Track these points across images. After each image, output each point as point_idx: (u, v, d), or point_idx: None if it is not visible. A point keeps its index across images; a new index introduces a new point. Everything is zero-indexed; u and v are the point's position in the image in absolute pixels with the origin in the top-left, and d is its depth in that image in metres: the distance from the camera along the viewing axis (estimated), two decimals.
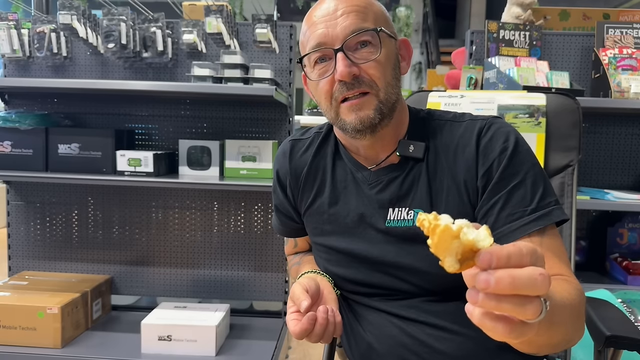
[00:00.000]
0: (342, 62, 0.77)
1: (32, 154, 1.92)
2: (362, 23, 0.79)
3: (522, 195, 0.77)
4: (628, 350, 0.90)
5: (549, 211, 0.77)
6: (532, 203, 0.77)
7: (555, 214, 0.77)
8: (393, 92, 0.81)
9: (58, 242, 2.17)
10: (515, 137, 0.82)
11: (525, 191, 0.78)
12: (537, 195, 0.77)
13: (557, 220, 0.77)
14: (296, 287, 0.81)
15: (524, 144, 0.82)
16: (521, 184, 0.78)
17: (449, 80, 2.25)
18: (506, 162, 0.79)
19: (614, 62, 1.89)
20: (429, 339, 0.81)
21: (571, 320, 0.63)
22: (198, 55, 2.05)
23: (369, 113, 0.79)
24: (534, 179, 0.79)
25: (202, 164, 1.96)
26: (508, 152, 0.80)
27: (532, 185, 0.78)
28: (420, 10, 9.00)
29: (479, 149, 0.82)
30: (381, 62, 0.79)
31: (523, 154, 0.80)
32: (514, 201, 0.77)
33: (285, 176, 0.96)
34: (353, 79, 0.78)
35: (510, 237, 0.76)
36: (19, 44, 2.01)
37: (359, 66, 0.78)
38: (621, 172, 2.09)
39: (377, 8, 0.83)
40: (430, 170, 0.84)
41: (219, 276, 2.16)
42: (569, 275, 0.74)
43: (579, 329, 0.67)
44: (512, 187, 0.78)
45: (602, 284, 1.83)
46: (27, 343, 1.77)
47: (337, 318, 0.80)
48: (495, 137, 0.81)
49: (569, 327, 0.63)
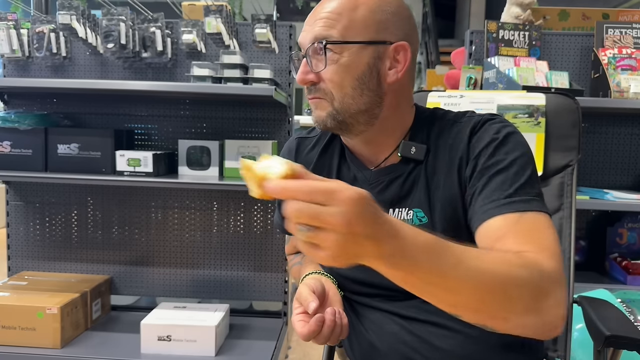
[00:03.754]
0: (301, 67, 0.81)
1: (32, 154, 1.92)
2: (327, 31, 0.78)
3: (502, 181, 0.75)
4: (627, 350, 0.91)
5: (528, 200, 0.74)
6: (511, 189, 0.74)
7: (534, 204, 0.74)
8: (353, 102, 0.80)
9: (57, 242, 2.17)
10: (508, 130, 0.80)
11: (507, 177, 0.76)
12: (517, 183, 0.75)
13: (534, 210, 0.73)
14: (303, 288, 0.81)
15: (516, 135, 0.80)
16: (503, 171, 0.76)
17: (449, 80, 2.25)
18: (492, 151, 0.78)
19: (613, 62, 1.89)
20: (429, 337, 0.81)
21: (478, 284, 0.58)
22: (197, 55, 2.05)
23: (322, 114, 0.82)
24: (518, 169, 0.76)
25: (201, 164, 1.96)
26: (496, 142, 0.79)
27: (515, 173, 0.76)
28: (419, 10, 9.00)
29: (470, 141, 0.81)
30: (337, 73, 0.79)
31: (512, 144, 0.79)
32: (493, 186, 0.76)
33: None
34: (311, 85, 0.81)
35: (482, 219, 0.74)
36: (18, 44, 2.01)
37: (318, 74, 0.80)
38: (621, 172, 2.09)
39: (360, 14, 0.79)
40: (429, 171, 0.84)
41: (219, 276, 2.16)
42: (537, 253, 0.67)
43: (504, 301, 0.60)
44: (494, 172, 0.76)
45: (601, 284, 1.83)
46: (26, 343, 1.77)
47: (344, 320, 0.80)
48: (486, 130, 0.81)
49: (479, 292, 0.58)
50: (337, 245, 0.49)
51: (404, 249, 0.54)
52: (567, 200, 1.12)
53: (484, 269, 0.59)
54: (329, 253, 0.50)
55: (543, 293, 0.62)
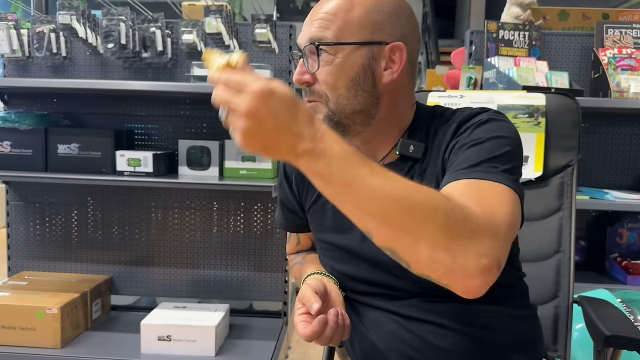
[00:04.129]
0: (297, 68, 0.82)
1: (32, 154, 1.92)
2: (322, 32, 0.79)
3: (472, 153, 0.74)
4: (627, 350, 0.91)
5: (490, 171, 0.70)
6: (476, 160, 0.72)
7: (497, 177, 0.69)
8: (347, 102, 0.80)
9: (57, 242, 2.17)
10: (495, 116, 0.79)
11: (477, 151, 0.74)
12: (486, 157, 0.72)
13: (494, 181, 0.69)
14: (306, 288, 0.81)
15: (503, 123, 0.79)
16: (477, 145, 0.75)
17: (449, 80, 2.25)
18: (473, 129, 0.78)
19: (613, 62, 1.89)
20: (429, 336, 0.81)
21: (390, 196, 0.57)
22: (197, 55, 2.05)
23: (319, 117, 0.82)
24: (493, 145, 0.74)
25: (201, 164, 1.96)
26: (478, 122, 0.78)
27: (487, 148, 0.73)
28: (419, 10, 9.00)
29: (457, 131, 0.81)
30: (332, 75, 0.79)
31: (494, 125, 0.77)
32: (463, 157, 0.74)
33: (291, 171, 0.98)
34: (307, 87, 0.82)
35: (443, 185, 0.72)
36: (18, 44, 2.01)
37: (313, 75, 0.81)
38: (621, 172, 2.09)
39: (355, 14, 0.79)
40: (424, 168, 0.84)
41: (219, 276, 2.16)
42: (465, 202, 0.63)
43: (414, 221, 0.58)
44: (469, 146, 0.75)
45: (601, 284, 1.83)
46: (26, 343, 1.77)
47: (347, 321, 0.80)
48: (472, 117, 0.81)
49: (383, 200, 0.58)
50: (244, 131, 0.56)
51: (319, 151, 0.56)
52: (567, 200, 1.12)
53: (400, 185, 0.59)
54: (239, 137, 0.57)
55: (459, 234, 0.59)
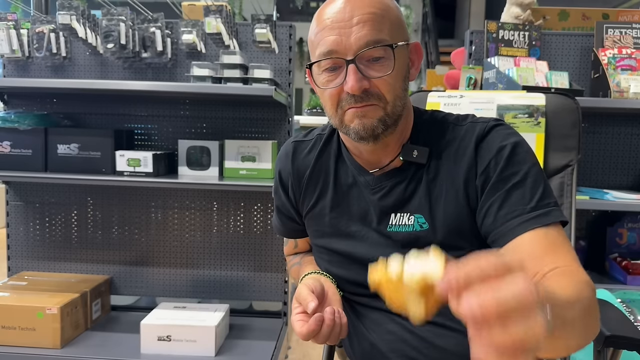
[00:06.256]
0: (353, 75, 0.75)
1: (32, 154, 1.92)
2: (378, 34, 0.75)
3: (521, 194, 0.77)
4: (627, 350, 0.91)
5: (549, 211, 0.75)
6: (532, 202, 0.76)
7: (555, 214, 0.76)
8: (400, 104, 0.80)
9: (57, 242, 2.17)
10: (515, 138, 0.81)
11: (525, 190, 0.77)
12: (536, 195, 0.76)
13: (557, 221, 0.75)
14: (302, 288, 0.81)
15: (523, 145, 0.81)
16: (520, 184, 0.77)
17: (449, 80, 2.25)
18: (505, 162, 0.79)
19: (613, 62, 1.89)
20: (429, 335, 0.82)
21: (583, 315, 0.61)
22: (197, 56, 2.05)
23: (373, 122, 0.78)
24: (534, 180, 0.78)
25: (201, 164, 1.96)
26: (507, 152, 0.79)
27: (531, 185, 0.77)
28: (419, 10, 9.00)
29: (477, 150, 0.81)
30: (392, 77, 0.77)
31: (522, 155, 0.80)
32: (513, 200, 0.76)
33: (287, 177, 0.96)
34: (362, 92, 0.76)
35: (508, 236, 0.75)
36: (18, 44, 2.01)
37: (369, 80, 0.76)
38: (620, 172, 2.09)
39: (394, 14, 0.79)
40: (431, 175, 0.83)
41: (219, 276, 2.16)
42: (574, 267, 0.71)
43: (593, 323, 0.64)
44: (511, 186, 0.77)
45: (601, 284, 1.83)
46: (26, 343, 1.77)
47: (343, 319, 0.80)
48: (493, 138, 0.81)
49: (582, 324, 0.61)
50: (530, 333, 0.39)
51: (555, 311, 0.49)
52: (567, 200, 1.12)
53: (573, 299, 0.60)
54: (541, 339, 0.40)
55: (595, 306, 0.66)
